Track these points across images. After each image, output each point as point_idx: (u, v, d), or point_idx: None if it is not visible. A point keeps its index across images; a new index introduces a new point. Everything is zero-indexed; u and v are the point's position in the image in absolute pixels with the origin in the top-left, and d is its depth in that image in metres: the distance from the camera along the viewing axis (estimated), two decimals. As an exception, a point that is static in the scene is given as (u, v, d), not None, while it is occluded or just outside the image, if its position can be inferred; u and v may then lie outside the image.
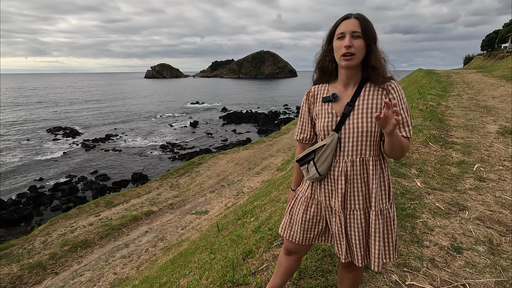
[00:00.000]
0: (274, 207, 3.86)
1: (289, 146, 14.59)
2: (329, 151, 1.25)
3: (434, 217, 2.74)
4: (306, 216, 1.38)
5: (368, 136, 1.21)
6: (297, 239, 1.41)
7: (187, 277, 2.95)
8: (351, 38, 1.16)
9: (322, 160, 1.27)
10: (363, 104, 1.22)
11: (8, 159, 18.24)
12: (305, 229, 1.39)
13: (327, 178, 1.31)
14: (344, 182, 1.26)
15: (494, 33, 41.89)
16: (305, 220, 1.38)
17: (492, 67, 23.76)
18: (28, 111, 39.82)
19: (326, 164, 1.27)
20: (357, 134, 1.21)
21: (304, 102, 1.38)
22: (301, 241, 1.41)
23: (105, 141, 22.90)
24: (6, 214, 10.47)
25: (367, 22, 1.18)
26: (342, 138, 1.24)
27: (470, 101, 9.01)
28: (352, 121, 1.22)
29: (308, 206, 1.38)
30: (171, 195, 9.91)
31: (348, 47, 1.16)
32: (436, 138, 5.10)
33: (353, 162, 1.24)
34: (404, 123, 1.21)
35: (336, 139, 1.25)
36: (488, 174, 3.75)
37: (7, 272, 6.05)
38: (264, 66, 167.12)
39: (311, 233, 1.40)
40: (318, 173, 1.28)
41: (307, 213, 1.38)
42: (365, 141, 1.22)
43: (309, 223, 1.38)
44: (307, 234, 1.40)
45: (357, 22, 1.17)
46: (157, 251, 6.50)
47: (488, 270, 2.06)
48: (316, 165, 1.28)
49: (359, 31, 1.16)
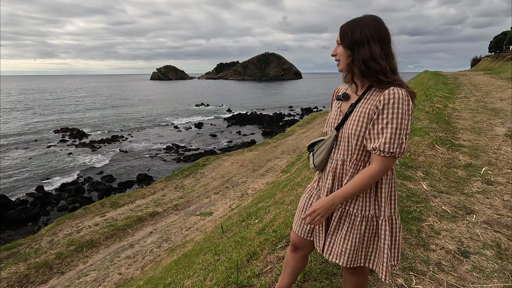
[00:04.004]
0: (279, 209, 3.85)
1: (294, 148, 14.56)
2: (324, 146, 1.32)
3: (440, 220, 2.71)
4: (307, 203, 1.45)
5: (356, 140, 1.22)
6: (296, 228, 1.47)
7: (191, 278, 2.96)
8: (336, 46, 1.28)
9: (318, 153, 1.34)
10: (360, 108, 1.23)
11: (15, 159, 18.51)
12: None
13: (323, 172, 1.37)
14: (332, 180, 1.30)
15: (502, 34, 41.35)
16: (304, 207, 1.45)
17: (500, 69, 23.46)
18: (36, 112, 40.42)
19: (320, 158, 1.33)
20: (348, 135, 1.24)
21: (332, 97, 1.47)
22: (298, 230, 1.46)
23: (111, 142, 23.12)
24: (13, 213, 10.62)
25: (346, 28, 1.23)
26: (339, 137, 1.29)
27: (478, 103, 8.90)
28: (348, 122, 1.25)
29: (311, 196, 1.44)
30: (175, 196, 9.96)
31: (333, 55, 1.29)
32: (443, 140, 5.05)
33: (343, 162, 1.27)
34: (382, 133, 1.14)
35: (333, 137, 1.30)
36: (496, 177, 3.70)
37: (14, 271, 6.12)
38: (269, 68, 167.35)
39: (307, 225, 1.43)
40: (314, 164, 1.36)
41: (308, 202, 1.44)
42: (354, 144, 1.23)
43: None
44: (303, 223, 1.44)
45: (339, 31, 1.26)
46: (161, 252, 6.53)
47: (496, 275, 2.03)
48: (314, 156, 1.36)
49: (338, 39, 1.26)
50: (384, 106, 1.14)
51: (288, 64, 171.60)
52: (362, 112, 1.21)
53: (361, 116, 1.21)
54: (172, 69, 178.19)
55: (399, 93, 1.13)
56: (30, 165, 17.45)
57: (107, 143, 22.64)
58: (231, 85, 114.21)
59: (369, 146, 1.18)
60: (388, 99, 1.13)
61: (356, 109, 1.24)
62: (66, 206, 12.01)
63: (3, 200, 11.39)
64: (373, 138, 1.16)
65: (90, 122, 32.15)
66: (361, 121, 1.21)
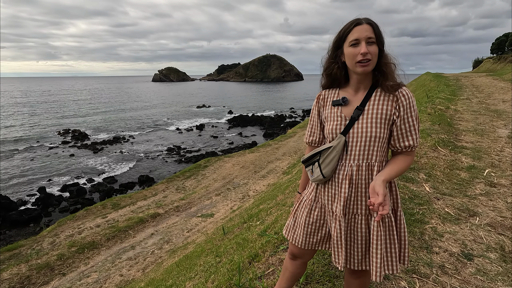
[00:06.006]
0: (280, 211, 3.84)
1: (295, 150, 14.54)
2: (334, 153, 1.25)
3: (443, 222, 2.69)
4: (309, 219, 1.37)
5: (375, 141, 1.20)
6: (299, 242, 1.41)
7: (192, 280, 2.95)
8: (366, 44, 1.15)
9: (327, 162, 1.26)
10: (373, 109, 1.21)
11: (17, 161, 18.57)
12: (307, 233, 1.38)
13: (331, 182, 1.30)
14: (348, 187, 1.24)
15: (504, 36, 41.22)
16: (308, 223, 1.37)
17: (502, 70, 23.39)
18: (38, 114, 40.58)
19: (331, 167, 1.26)
20: (364, 138, 1.21)
21: (314, 105, 1.39)
22: (303, 245, 1.40)
23: (113, 143, 23.17)
24: (15, 214, 10.65)
25: (378, 27, 1.19)
26: (349, 142, 1.24)
27: (480, 105, 8.87)
28: (360, 125, 1.22)
29: (311, 209, 1.37)
30: (177, 197, 9.95)
31: (365, 54, 1.15)
32: (445, 142, 5.03)
33: (358, 167, 1.23)
34: (412, 132, 1.23)
35: (343, 142, 1.24)
36: (499, 180, 3.67)
37: (16, 272, 6.13)
38: (270, 70, 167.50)
39: (313, 238, 1.39)
40: (322, 175, 1.28)
41: (310, 216, 1.37)
42: (373, 146, 1.21)
43: (311, 227, 1.37)
44: (309, 238, 1.39)
45: (370, 28, 1.17)
46: (162, 254, 6.52)
47: (500, 278, 2.01)
48: (321, 166, 1.28)
49: (373, 37, 1.16)
50: (409, 105, 1.20)
51: (289, 65, 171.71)
52: (377, 114, 1.20)
53: (378, 117, 1.20)
54: (174, 71, 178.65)
55: (410, 91, 1.22)
56: (32, 166, 17.51)
57: (109, 145, 22.69)
58: (232, 87, 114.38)
59: (402, 145, 1.23)
60: (408, 98, 1.20)
61: (369, 112, 1.22)
62: (68, 207, 12.03)
63: (5, 201, 11.42)
64: (406, 136, 1.22)
65: (92, 124, 32.25)
66: (378, 122, 1.20)
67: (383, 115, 1.20)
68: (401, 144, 1.23)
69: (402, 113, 1.20)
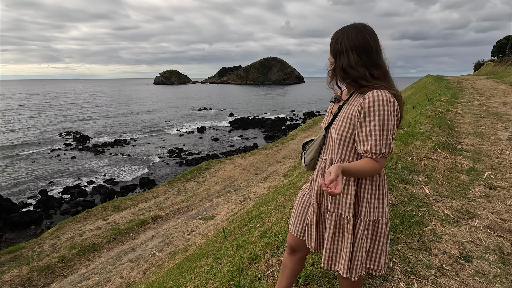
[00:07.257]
0: (281, 213, 3.86)
1: (296, 152, 14.55)
2: (314, 146, 1.38)
3: (442, 224, 2.70)
4: (300, 202, 1.49)
5: (343, 140, 1.27)
6: (292, 229, 1.51)
7: (193, 282, 2.97)
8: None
9: (308, 152, 1.41)
10: (345, 109, 1.30)
11: (19, 163, 18.64)
12: (296, 217, 1.49)
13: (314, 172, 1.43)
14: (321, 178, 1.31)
15: (505, 39, 41.25)
16: (298, 207, 1.49)
17: (503, 73, 23.39)
18: (40, 116, 40.76)
19: (310, 157, 1.39)
20: (336, 135, 1.30)
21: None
22: (293, 230, 1.50)
23: (115, 146, 23.23)
24: (17, 217, 10.68)
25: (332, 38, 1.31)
26: (327, 137, 1.35)
27: (481, 108, 8.87)
28: (335, 123, 1.31)
29: (304, 195, 1.49)
30: (178, 200, 9.97)
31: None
32: (445, 144, 5.04)
33: (331, 161, 1.32)
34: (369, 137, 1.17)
35: (322, 137, 1.36)
36: (499, 182, 3.68)
37: (17, 274, 6.15)
38: (271, 73, 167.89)
39: (300, 223, 1.47)
40: (304, 162, 1.42)
41: (302, 200, 1.49)
42: (342, 145, 1.28)
43: (300, 211, 1.48)
44: (298, 223, 1.48)
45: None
46: (163, 256, 6.53)
47: (498, 279, 2.02)
48: (305, 155, 1.42)
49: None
50: (368, 108, 1.16)
51: (290, 68, 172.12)
52: (346, 114, 1.27)
53: (345, 117, 1.27)
54: (175, 74, 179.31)
55: (381, 95, 1.16)
56: (33, 168, 17.58)
57: (110, 147, 22.76)
58: (233, 90, 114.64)
59: (360, 149, 1.21)
60: (369, 101, 1.16)
61: (342, 111, 1.31)
62: (69, 210, 12.07)
63: (7, 203, 11.46)
64: (363, 141, 1.19)
65: (94, 126, 32.37)
66: (344, 122, 1.27)
67: (350, 115, 1.25)
68: (359, 147, 1.21)
69: (362, 116, 1.18)
